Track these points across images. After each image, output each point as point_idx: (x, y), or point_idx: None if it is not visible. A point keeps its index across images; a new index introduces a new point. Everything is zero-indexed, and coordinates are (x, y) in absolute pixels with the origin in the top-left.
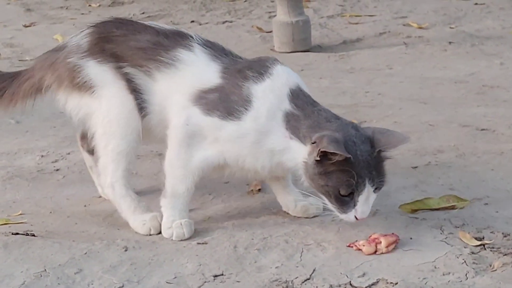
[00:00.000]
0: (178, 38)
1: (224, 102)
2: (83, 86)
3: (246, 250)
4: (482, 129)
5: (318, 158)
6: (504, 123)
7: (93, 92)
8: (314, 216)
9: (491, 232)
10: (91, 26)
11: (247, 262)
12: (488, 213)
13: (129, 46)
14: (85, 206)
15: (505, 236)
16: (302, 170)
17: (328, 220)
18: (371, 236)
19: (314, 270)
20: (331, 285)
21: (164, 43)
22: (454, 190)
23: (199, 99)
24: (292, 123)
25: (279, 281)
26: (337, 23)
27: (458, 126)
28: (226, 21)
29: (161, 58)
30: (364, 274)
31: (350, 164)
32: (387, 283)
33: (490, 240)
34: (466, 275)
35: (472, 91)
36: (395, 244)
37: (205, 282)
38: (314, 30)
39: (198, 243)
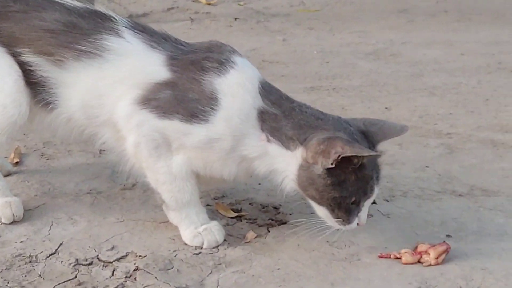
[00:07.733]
0: (97, 20)
1: (182, 101)
2: None
3: None
4: None
5: (333, 165)
6: None
7: None
8: None
9: (249, 204)
10: None
11: None
12: (250, 185)
13: (31, 26)
14: None
15: (263, 208)
16: (293, 181)
17: (83, 193)
18: (417, 247)
19: (61, 244)
20: (77, 259)
21: (81, 25)
22: None
23: (148, 100)
24: (270, 124)
25: (22, 256)
26: None
27: None
28: None
29: (80, 46)
30: (113, 248)
31: (365, 166)
32: (136, 256)
33: (247, 212)
34: (218, 247)
35: None
36: (446, 254)
37: None
38: (100, 3)
39: None
